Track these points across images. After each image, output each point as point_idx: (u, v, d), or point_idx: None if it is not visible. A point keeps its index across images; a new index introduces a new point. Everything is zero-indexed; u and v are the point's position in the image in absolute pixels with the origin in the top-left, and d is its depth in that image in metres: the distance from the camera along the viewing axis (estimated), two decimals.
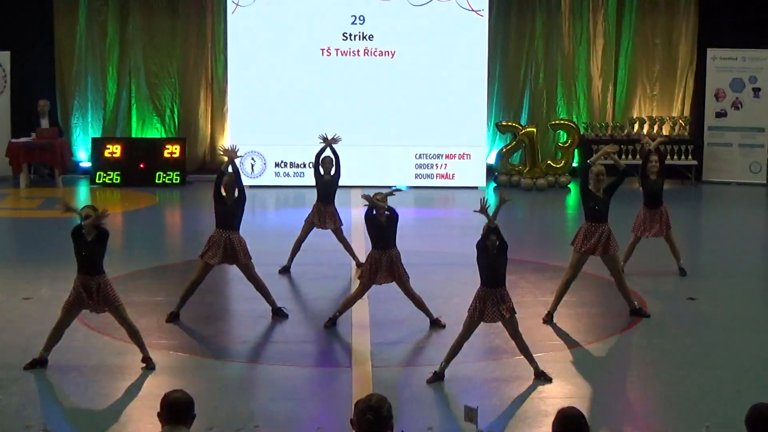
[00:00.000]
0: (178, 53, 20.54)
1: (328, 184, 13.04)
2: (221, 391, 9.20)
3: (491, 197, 18.10)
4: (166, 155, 19.90)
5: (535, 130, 20.11)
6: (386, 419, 5.17)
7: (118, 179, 19.76)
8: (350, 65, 19.63)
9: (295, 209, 17.20)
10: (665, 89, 20.88)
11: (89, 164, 20.19)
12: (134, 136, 20.49)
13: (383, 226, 10.63)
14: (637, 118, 20.60)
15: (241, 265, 11.13)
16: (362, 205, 10.93)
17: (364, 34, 19.64)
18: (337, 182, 13.09)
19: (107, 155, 19.87)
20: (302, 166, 19.40)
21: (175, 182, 19.80)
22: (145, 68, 20.47)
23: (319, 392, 9.46)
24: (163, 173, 19.81)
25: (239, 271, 11.27)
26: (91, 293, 9.42)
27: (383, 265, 10.61)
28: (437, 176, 19.74)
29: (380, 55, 19.66)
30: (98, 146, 19.99)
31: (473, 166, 19.69)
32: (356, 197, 14.19)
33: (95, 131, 20.50)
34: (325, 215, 12.99)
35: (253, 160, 19.58)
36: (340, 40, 19.63)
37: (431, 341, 10.58)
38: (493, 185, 19.94)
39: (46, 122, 19.83)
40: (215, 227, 11.14)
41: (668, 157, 19.14)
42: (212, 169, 19.10)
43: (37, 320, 10.75)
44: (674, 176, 19.49)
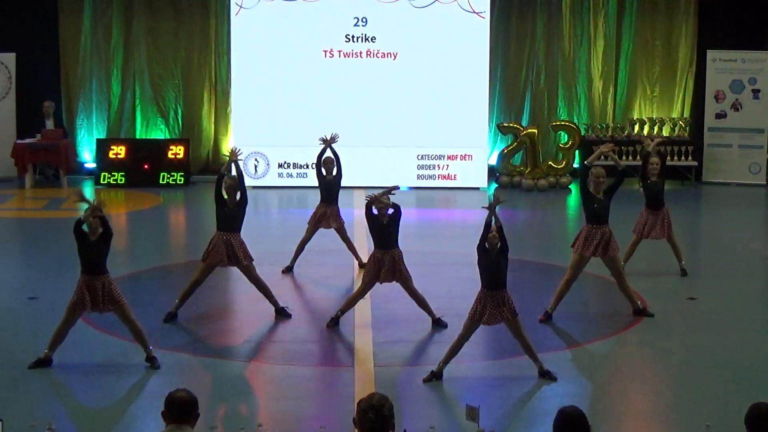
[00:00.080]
0: (182, 55, 20.57)
1: (330, 184, 13.11)
2: (225, 390, 9.25)
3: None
4: (170, 156, 19.92)
5: (536, 131, 20.15)
6: (388, 418, 5.21)
7: (122, 180, 19.81)
8: (353, 67, 19.67)
9: (298, 210, 17.26)
10: (665, 90, 20.88)
11: (94, 165, 20.23)
12: (138, 137, 20.52)
13: (385, 226, 10.68)
14: (637, 119, 20.60)
15: (242, 267, 11.18)
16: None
17: (366, 35, 19.68)
18: (339, 182, 13.15)
19: (112, 156, 19.91)
20: (305, 167, 19.42)
21: (179, 183, 19.83)
22: (149, 70, 20.50)
23: (321, 391, 9.50)
24: (167, 174, 19.84)
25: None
26: (96, 293, 9.47)
27: (386, 264, 10.66)
28: (439, 177, 19.77)
29: (383, 56, 19.70)
30: (103, 147, 20.03)
31: (475, 166, 19.73)
32: (359, 198, 14.26)
33: (100, 132, 20.54)
34: (328, 215, 13.07)
35: (256, 161, 19.64)
36: (342, 41, 19.68)
37: (433, 341, 10.59)
38: (494, 186, 19.98)
39: (51, 123, 19.87)
40: (216, 229, 11.17)
41: (668, 158, 19.14)
42: (216, 169, 18.91)
43: (42, 320, 10.78)
44: (674, 177, 19.50)
